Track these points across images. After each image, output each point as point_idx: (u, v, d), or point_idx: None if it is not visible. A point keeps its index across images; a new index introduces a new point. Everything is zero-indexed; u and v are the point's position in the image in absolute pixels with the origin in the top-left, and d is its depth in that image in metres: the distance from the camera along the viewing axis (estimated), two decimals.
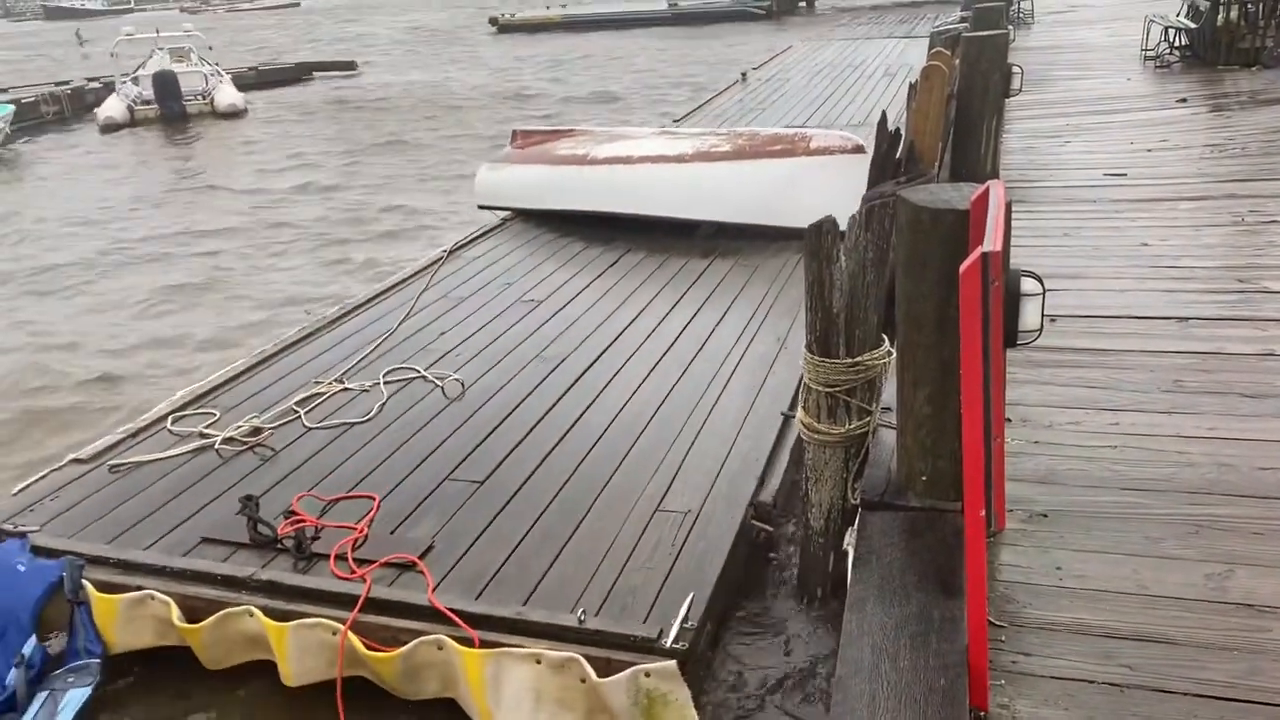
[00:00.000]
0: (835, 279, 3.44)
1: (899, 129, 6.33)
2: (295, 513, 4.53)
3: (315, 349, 6.62)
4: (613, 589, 3.92)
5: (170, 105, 22.38)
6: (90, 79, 29.72)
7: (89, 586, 4.18)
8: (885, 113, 6.75)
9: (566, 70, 29.42)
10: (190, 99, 22.77)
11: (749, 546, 4.41)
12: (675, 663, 3.48)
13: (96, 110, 22.77)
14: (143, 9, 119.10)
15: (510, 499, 4.62)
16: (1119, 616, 2.70)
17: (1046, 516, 3.18)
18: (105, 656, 4.13)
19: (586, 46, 35.57)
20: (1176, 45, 13.52)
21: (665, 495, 4.56)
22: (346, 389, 5.89)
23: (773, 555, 4.50)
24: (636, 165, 8.98)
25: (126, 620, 4.15)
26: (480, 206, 10.14)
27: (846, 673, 2.48)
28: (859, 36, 24.51)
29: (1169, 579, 2.83)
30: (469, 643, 3.69)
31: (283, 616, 3.92)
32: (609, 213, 8.91)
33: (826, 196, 7.63)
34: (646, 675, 3.47)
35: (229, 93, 23.44)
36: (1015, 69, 8.16)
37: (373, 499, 4.63)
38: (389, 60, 38.08)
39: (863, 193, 7.48)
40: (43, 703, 3.94)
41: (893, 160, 5.81)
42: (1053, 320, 4.69)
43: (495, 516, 4.48)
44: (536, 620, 3.75)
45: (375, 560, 4.14)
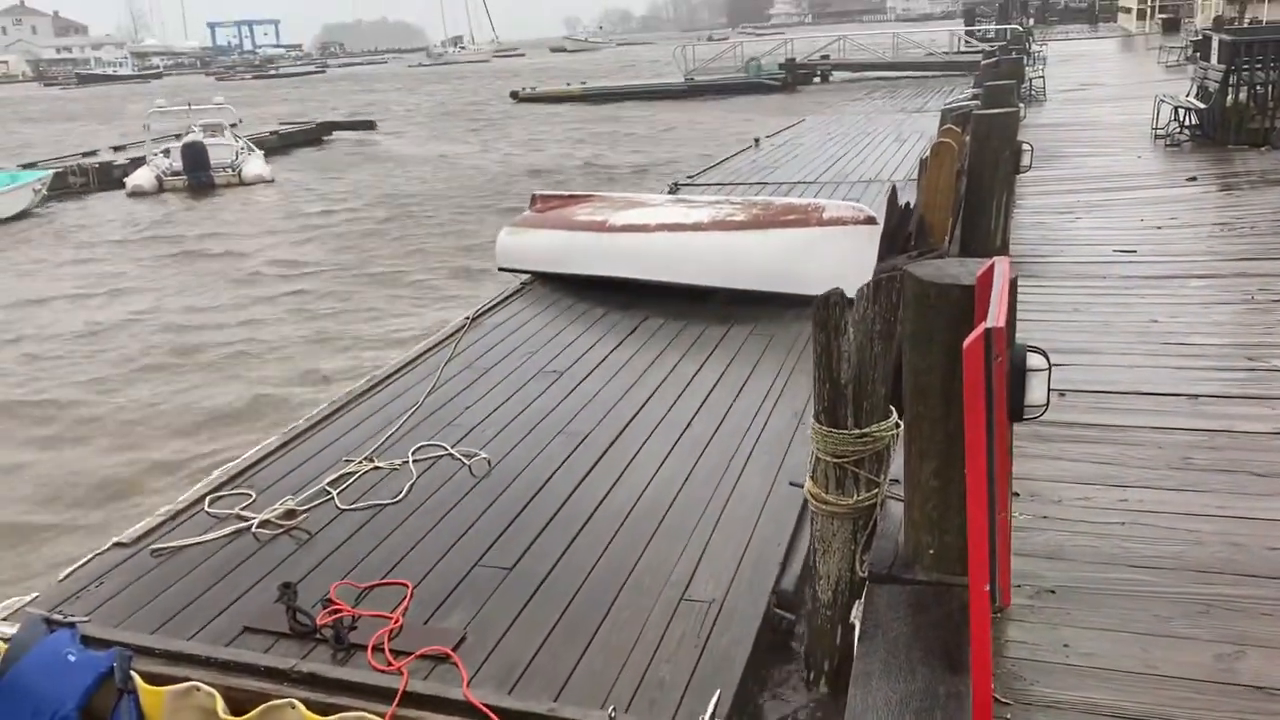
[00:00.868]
0: (843, 350, 3.47)
1: (909, 203, 6.42)
2: (332, 601, 4.59)
3: (345, 424, 6.71)
4: (641, 683, 3.94)
5: (199, 176, 22.87)
6: (116, 147, 30.41)
7: (136, 678, 4.19)
8: (895, 187, 6.85)
9: (582, 138, 29.92)
10: (219, 170, 23.20)
11: (772, 634, 4.41)
12: None
13: (126, 180, 23.22)
14: (171, 74, 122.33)
15: (539, 586, 4.66)
16: (1127, 696, 2.67)
17: (1055, 593, 3.16)
18: None
19: (602, 116, 36.16)
20: (1186, 125, 13.67)
21: (689, 583, 4.59)
22: (377, 468, 5.98)
23: (795, 644, 4.47)
24: (654, 233, 9.12)
25: (172, 712, 4.15)
26: (501, 269, 10.28)
27: None
28: (872, 110, 24.90)
29: (1178, 659, 2.81)
30: None
31: (323, 709, 3.95)
32: (627, 278, 9.02)
33: (839, 265, 7.74)
34: None
35: (256, 164, 23.87)
36: (1026, 146, 8.27)
37: (406, 586, 4.69)
38: (410, 127, 38.78)
39: (874, 262, 7.59)
40: None
41: (903, 234, 5.88)
42: (1062, 395, 4.72)
43: (525, 605, 4.52)
44: (568, 716, 3.76)
45: (411, 652, 4.19)
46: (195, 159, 22.84)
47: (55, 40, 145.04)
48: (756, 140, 18.89)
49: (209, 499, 5.70)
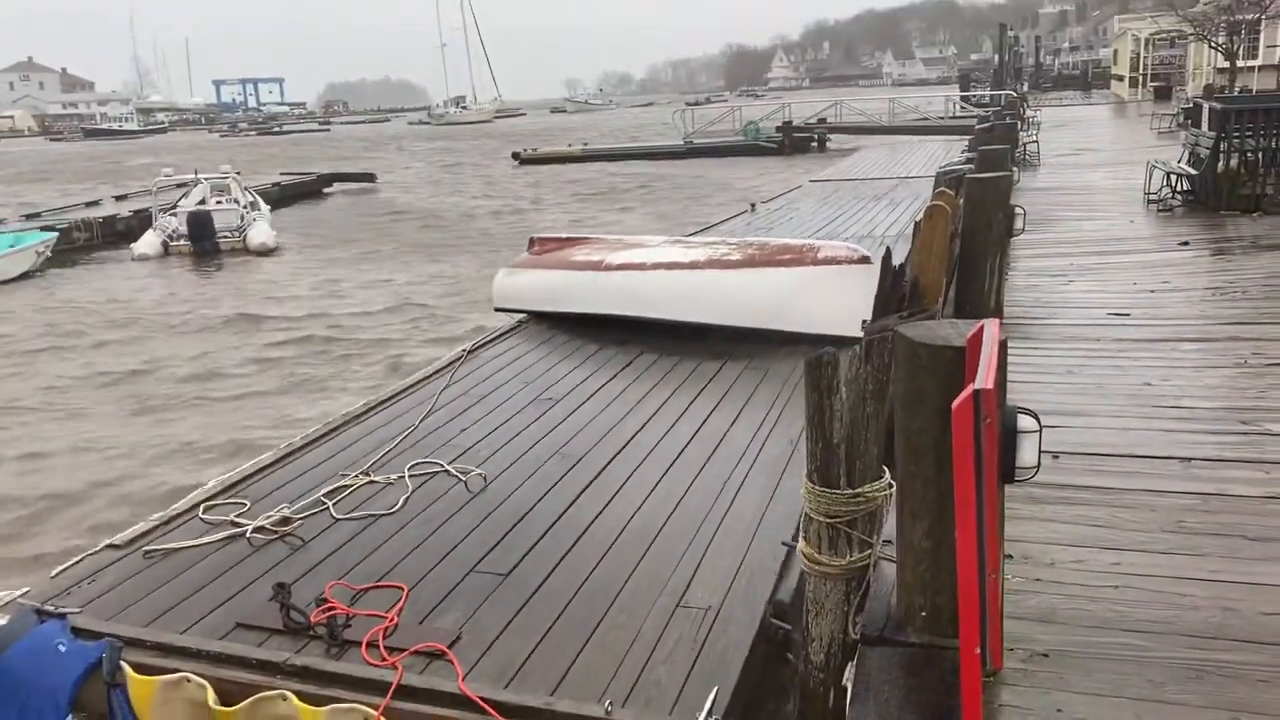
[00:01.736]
0: (836, 410, 3.49)
1: (903, 264, 6.47)
2: (327, 600, 4.61)
3: (341, 442, 6.79)
4: (638, 681, 3.96)
5: (203, 243, 23.06)
6: (118, 197, 30.63)
7: (127, 668, 4.21)
8: (889, 248, 6.92)
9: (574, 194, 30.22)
10: (224, 235, 23.41)
11: (768, 644, 4.42)
12: None
13: (132, 245, 23.38)
14: (176, 130, 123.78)
15: (535, 591, 4.69)
16: None
17: (1048, 656, 3.14)
18: None
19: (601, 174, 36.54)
20: (1179, 190, 13.84)
21: (686, 591, 4.62)
22: (372, 481, 6.04)
23: (790, 656, 4.44)
24: (650, 271, 9.20)
25: (162, 702, 4.16)
26: (497, 309, 10.31)
27: None
28: (871, 175, 25.18)
29: None
30: None
31: (316, 701, 3.96)
32: (623, 316, 9.06)
33: (834, 304, 7.84)
34: None
35: (261, 230, 24.07)
36: (1019, 210, 8.36)
37: (401, 589, 4.72)
38: (413, 181, 39.16)
39: (867, 300, 7.66)
40: None
41: (896, 295, 5.93)
42: (1055, 457, 4.72)
43: (521, 608, 4.55)
44: (564, 710, 3.78)
45: (405, 648, 4.21)
46: (200, 227, 23.11)
47: (62, 96, 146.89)
48: (752, 205, 19.09)
49: (203, 506, 5.76)
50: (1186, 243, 10.97)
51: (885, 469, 3.62)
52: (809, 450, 3.58)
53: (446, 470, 6.13)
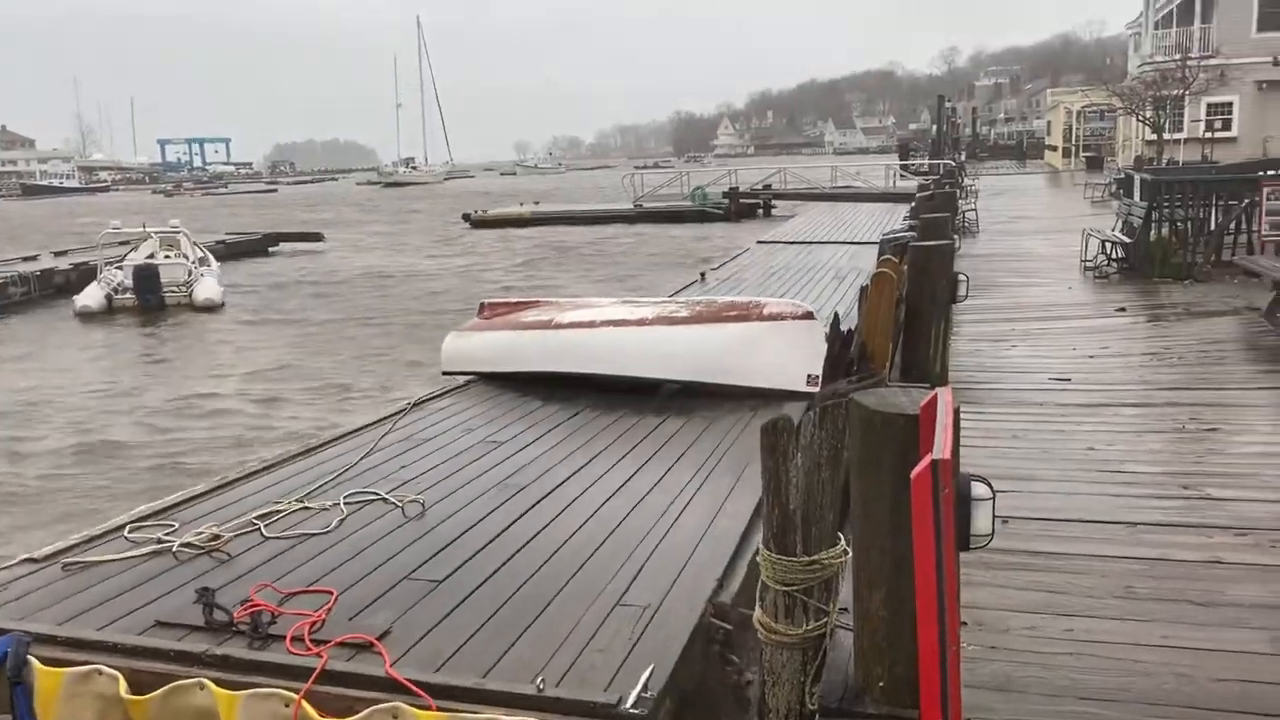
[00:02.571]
0: (791, 476, 3.48)
1: (851, 330, 6.55)
2: (252, 600, 4.48)
3: (278, 476, 6.67)
4: (572, 667, 3.91)
5: (147, 298, 22.64)
6: (58, 253, 30.03)
7: (34, 662, 4.03)
8: (838, 313, 7.01)
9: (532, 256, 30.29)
10: (170, 290, 23.03)
11: (707, 643, 4.37)
12: None
13: (75, 298, 22.89)
14: (119, 189, 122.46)
15: (470, 594, 4.62)
16: None
17: None
18: None
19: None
20: (1113, 258, 14.25)
21: (626, 591, 4.60)
22: (307, 507, 5.93)
23: (733, 658, 4.38)
24: (599, 329, 9.24)
25: (70, 696, 3.98)
26: (445, 373, 10.23)
27: None
28: (815, 239, 25.58)
29: None
30: (426, 710, 3.61)
31: (235, 689, 3.81)
32: (571, 373, 9.07)
33: (778, 359, 7.99)
34: None
35: (208, 286, 23.72)
36: (961, 277, 8.54)
37: (330, 592, 4.61)
38: (362, 239, 38.98)
39: (810, 355, 7.76)
40: None
41: (845, 359, 5.98)
42: (1005, 522, 4.75)
43: (454, 609, 4.47)
44: (495, 689, 3.71)
45: (332, 640, 4.09)
46: (146, 281, 22.65)
47: (1, 154, 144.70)
48: (702, 275, 19.22)
49: (129, 527, 5.60)
50: (1123, 309, 11.27)
51: (841, 536, 3.62)
52: (766, 517, 3.56)
53: (383, 498, 6.07)
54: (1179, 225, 13.49)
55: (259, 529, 5.56)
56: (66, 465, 11.21)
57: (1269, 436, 6.38)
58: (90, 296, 22.66)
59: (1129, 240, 14.12)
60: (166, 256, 23.63)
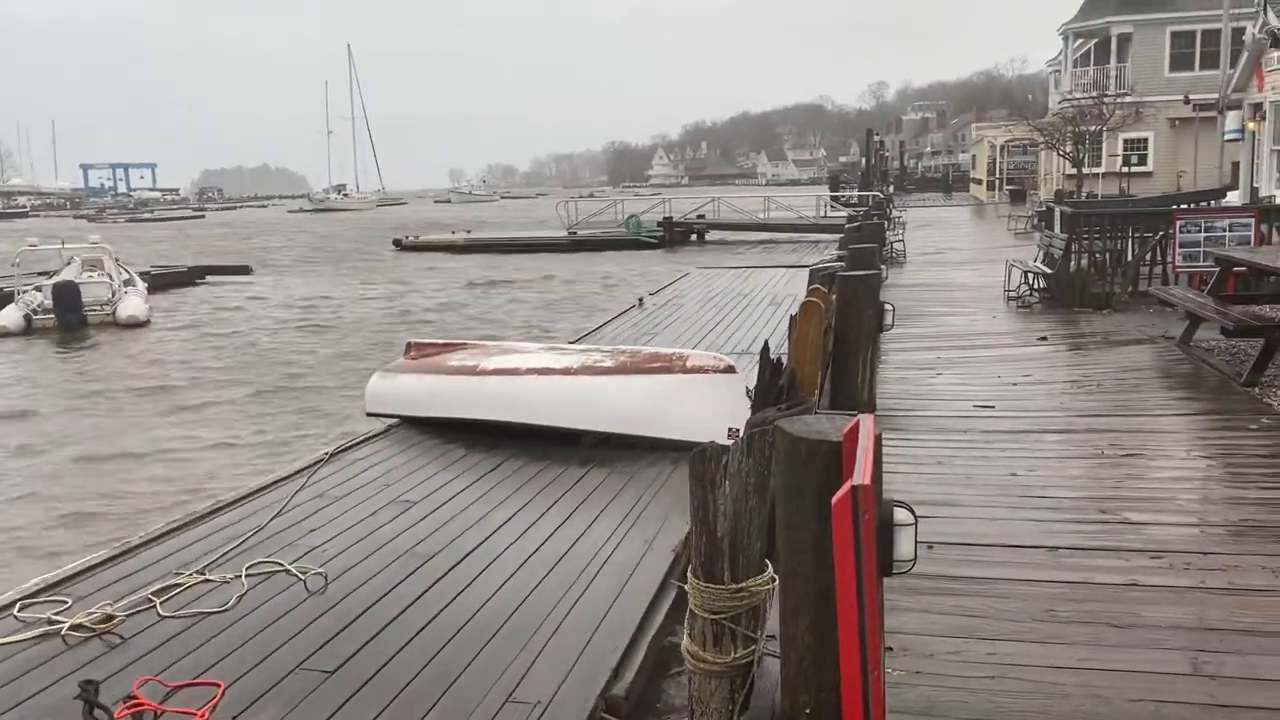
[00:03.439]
0: (719, 504, 3.49)
1: (781, 358, 6.61)
2: (135, 697, 4.35)
3: (181, 541, 6.52)
4: None
5: (68, 317, 22.01)
6: None
7: None
8: (768, 343, 7.08)
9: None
10: (93, 309, 22.41)
11: None
12: None
13: None
14: (38, 215, 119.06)
15: (359, 689, 4.52)
16: None
17: None
18: None
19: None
20: (1036, 288, 14.63)
21: (518, 686, 4.54)
22: (207, 580, 5.78)
23: None
24: (524, 377, 9.22)
25: None
26: (369, 414, 10.12)
27: None
28: (751, 265, 25.90)
29: None
30: None
31: None
32: (495, 421, 9.02)
33: (699, 411, 8.02)
34: None
35: (132, 303, 23.14)
36: (888, 306, 8.68)
37: (218, 686, 4.50)
38: (288, 271, 38.39)
39: (732, 408, 7.80)
40: None
41: (775, 388, 6.03)
42: (930, 547, 4.82)
43: (342, 705, 4.37)
44: None
45: None
46: (67, 299, 22.01)
47: None
48: (640, 300, 19.30)
49: (19, 604, 5.41)
50: (1045, 338, 11.55)
51: (768, 563, 3.63)
52: (694, 545, 3.57)
53: (286, 569, 5.94)
54: (1098, 257, 13.91)
55: (155, 606, 5.41)
56: None
57: (1183, 461, 6.57)
58: (6, 317, 21.98)
59: (1050, 271, 14.50)
60: (89, 276, 23.04)
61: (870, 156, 59.00)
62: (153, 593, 5.54)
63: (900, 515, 2.80)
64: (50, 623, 5.16)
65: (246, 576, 5.80)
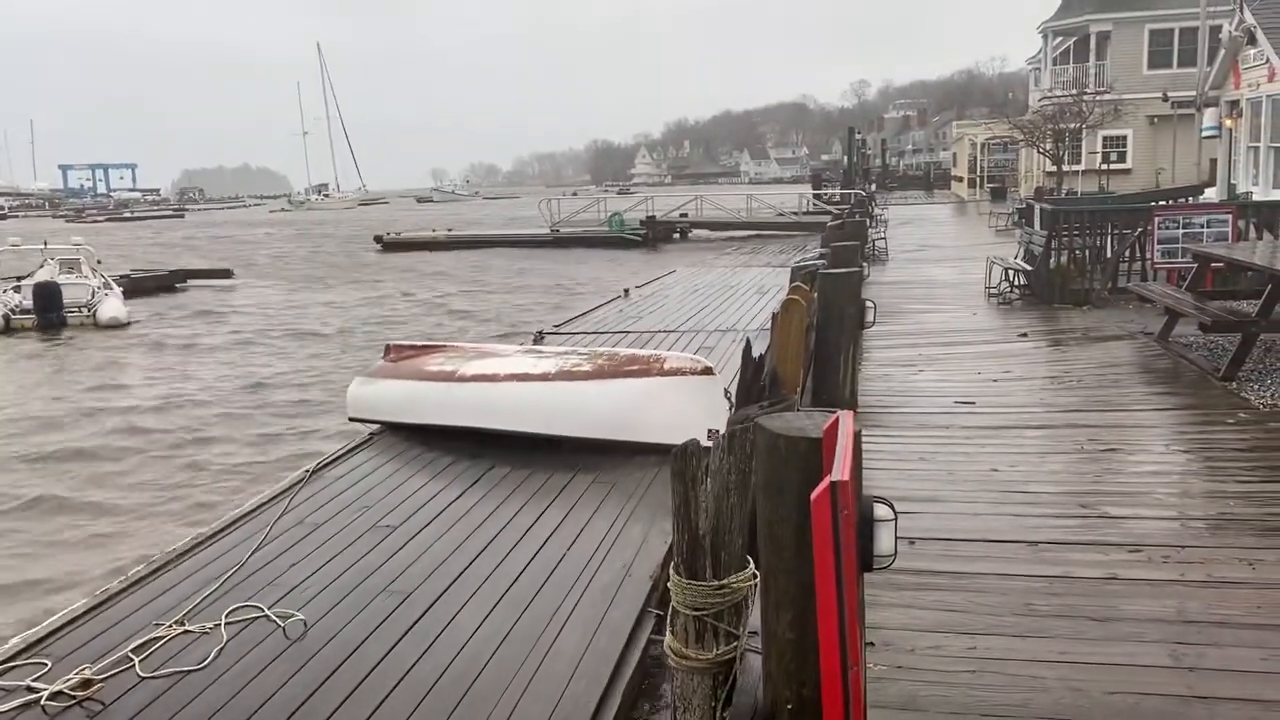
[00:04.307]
0: (700, 501, 3.50)
1: (763, 356, 6.62)
2: None
3: (162, 584, 6.36)
4: None
5: (49, 316, 21.94)
6: None
7: None
8: (750, 340, 7.09)
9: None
10: (72, 310, 22.32)
11: None
12: None
13: None
14: (17, 216, 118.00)
15: None
16: None
17: None
18: None
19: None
20: (1016, 284, 14.71)
21: None
22: (187, 631, 5.68)
23: None
24: (502, 383, 9.19)
25: None
26: (351, 419, 10.09)
27: None
28: (739, 264, 25.93)
29: None
30: None
31: None
32: (476, 428, 9.00)
33: (678, 414, 7.98)
34: None
35: (112, 305, 23.04)
36: (869, 303, 8.70)
37: None
38: (269, 275, 38.20)
39: (710, 410, 7.79)
40: None
41: (757, 386, 6.04)
42: (912, 543, 4.85)
43: None
44: None
45: None
46: (47, 299, 21.99)
47: None
48: (626, 291, 19.38)
49: None
50: (1025, 334, 11.62)
51: (750, 559, 3.64)
52: (675, 543, 3.57)
53: (266, 615, 5.86)
54: (1077, 253, 14.00)
55: (134, 666, 5.31)
56: None
57: (1161, 456, 6.62)
58: None
59: (1030, 268, 14.59)
60: (67, 277, 22.96)
61: (852, 155, 59.08)
62: (132, 650, 5.44)
63: (880, 511, 2.81)
64: (30, 690, 5.07)
65: (226, 625, 5.72)
